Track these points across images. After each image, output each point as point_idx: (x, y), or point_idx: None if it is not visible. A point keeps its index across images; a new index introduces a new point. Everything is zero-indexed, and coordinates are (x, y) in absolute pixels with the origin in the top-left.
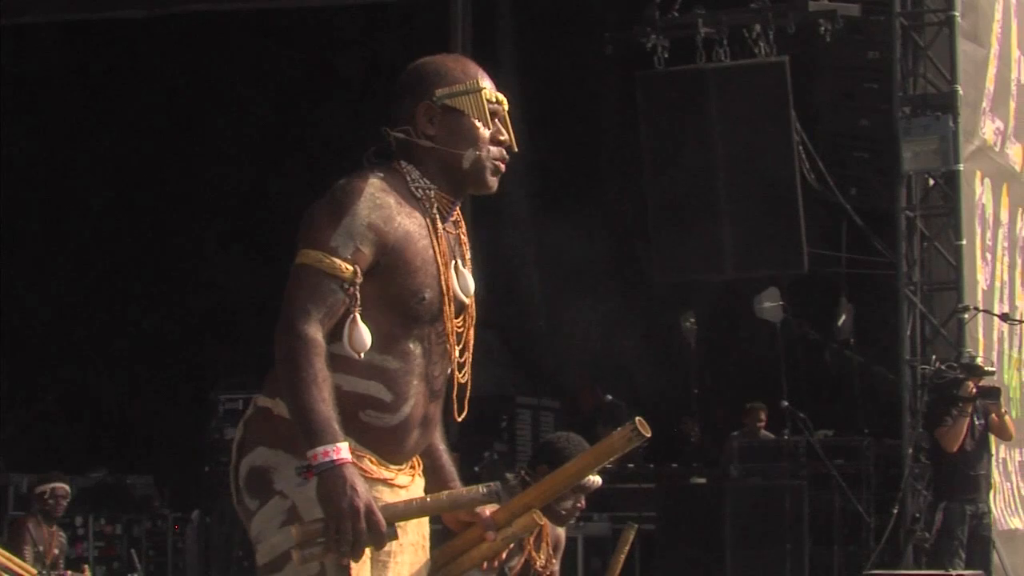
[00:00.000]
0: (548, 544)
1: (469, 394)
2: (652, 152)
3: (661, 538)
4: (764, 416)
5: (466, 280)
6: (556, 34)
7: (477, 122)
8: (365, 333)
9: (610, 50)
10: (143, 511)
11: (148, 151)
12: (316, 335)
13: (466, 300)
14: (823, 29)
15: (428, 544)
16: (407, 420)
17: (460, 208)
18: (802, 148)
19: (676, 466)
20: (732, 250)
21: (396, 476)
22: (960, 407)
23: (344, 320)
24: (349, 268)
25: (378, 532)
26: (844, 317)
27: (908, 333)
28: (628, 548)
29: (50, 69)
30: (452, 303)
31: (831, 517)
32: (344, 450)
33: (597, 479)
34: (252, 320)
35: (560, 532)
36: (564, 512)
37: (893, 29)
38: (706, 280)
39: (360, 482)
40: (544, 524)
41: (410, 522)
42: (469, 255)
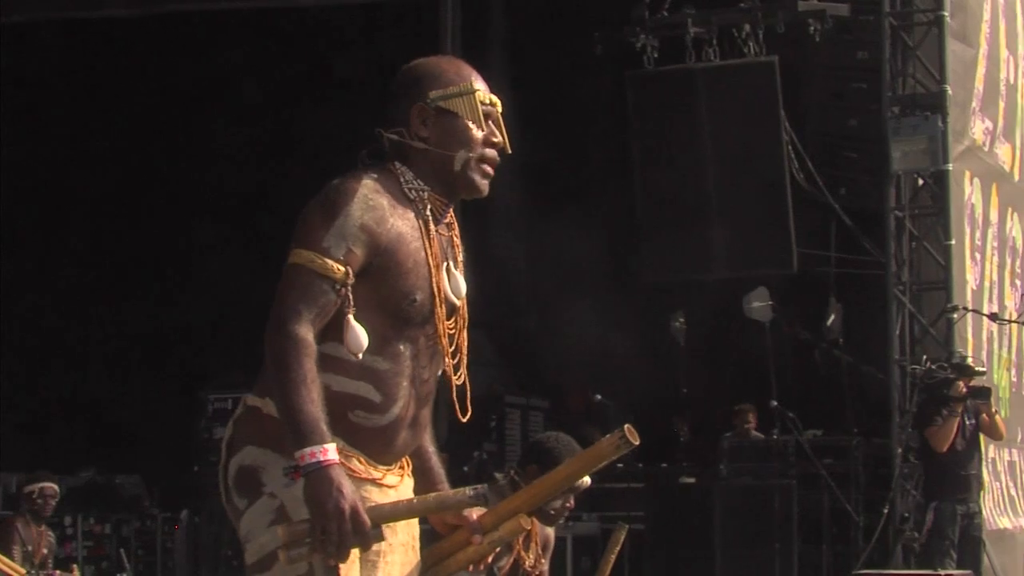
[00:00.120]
0: (537, 544)
1: (469, 395)
2: (642, 152)
3: (650, 537)
4: (753, 418)
5: (458, 282)
6: (547, 34)
7: (470, 124)
8: (361, 334)
9: (600, 50)
10: (132, 511)
11: (147, 150)
12: (307, 335)
13: (457, 302)
14: (812, 29)
15: (418, 544)
16: (396, 421)
17: (453, 208)
18: (791, 148)
19: (666, 466)
20: (722, 250)
21: (385, 476)
22: (950, 407)
23: (335, 320)
24: (341, 269)
25: (364, 533)
26: (833, 317)
27: (897, 333)
28: (618, 548)
29: (49, 69)
30: (443, 305)
31: (820, 517)
32: (331, 451)
33: (586, 479)
34: (243, 320)
35: (549, 532)
36: (553, 512)
37: (882, 29)
38: (696, 280)
39: (347, 483)
40: (533, 524)
41: (400, 522)
42: (462, 257)
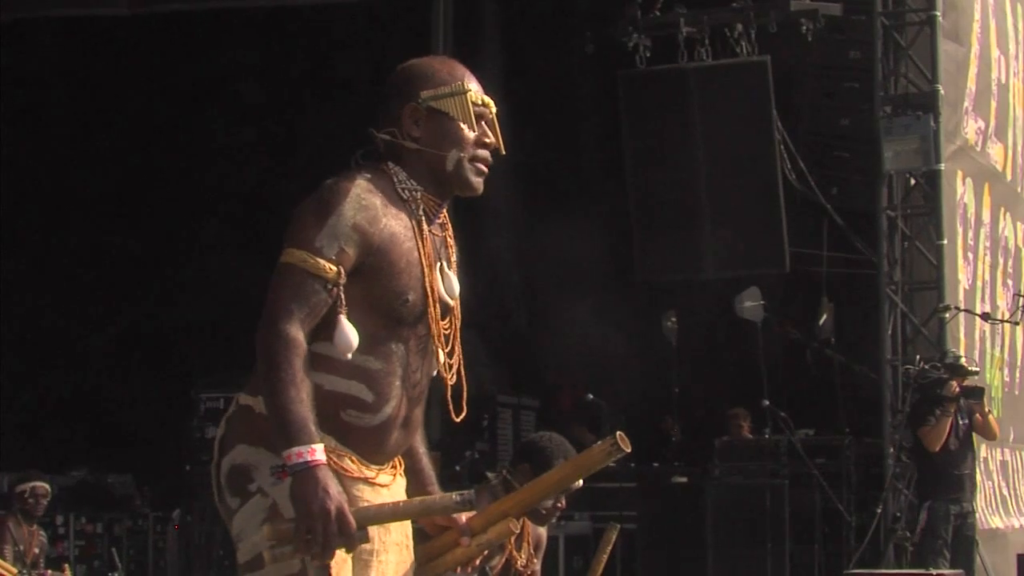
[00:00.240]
0: (529, 543)
1: (465, 394)
2: (634, 151)
3: (642, 537)
4: (746, 422)
5: (451, 282)
6: (540, 33)
7: (462, 124)
8: (351, 334)
9: (591, 49)
10: (124, 510)
11: (147, 150)
12: (297, 335)
13: (451, 302)
14: (805, 28)
15: (411, 544)
16: (388, 420)
17: (446, 208)
18: (784, 147)
19: (657, 465)
20: (714, 249)
21: (377, 475)
22: (944, 407)
23: (328, 320)
24: (333, 268)
25: (349, 535)
26: (825, 316)
27: (889, 332)
28: (610, 548)
29: (49, 68)
30: (437, 305)
31: (812, 516)
32: (319, 451)
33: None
34: (237, 319)
35: (541, 531)
36: (545, 511)
37: (874, 29)
38: (688, 279)
39: (333, 484)
40: (525, 523)
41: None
42: (455, 257)
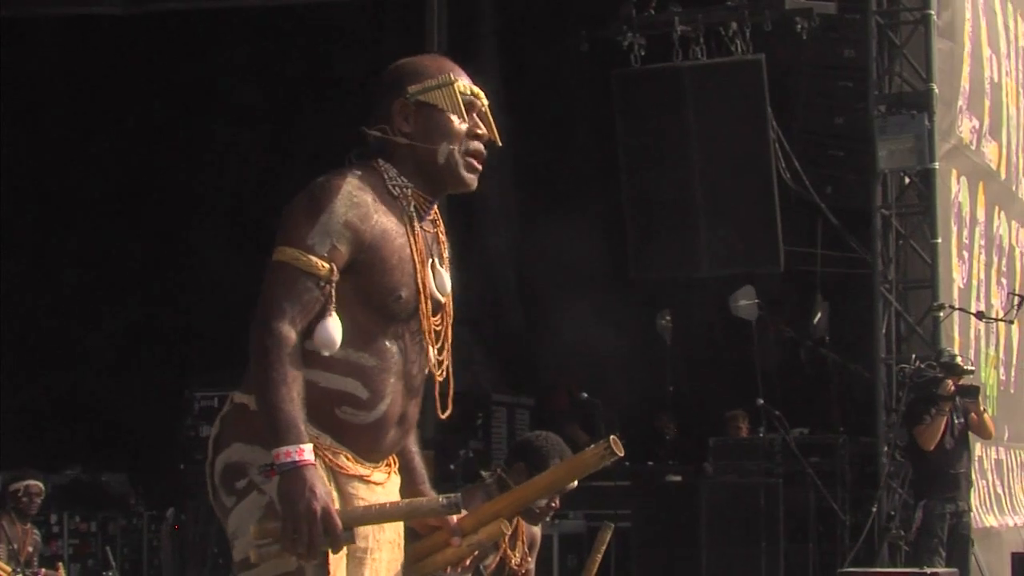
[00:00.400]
0: (523, 542)
1: (451, 392)
2: (628, 150)
3: (637, 536)
4: (744, 424)
5: (443, 278)
6: (535, 33)
7: (452, 116)
8: (335, 331)
9: (586, 47)
10: (118, 509)
11: (146, 150)
12: (290, 333)
13: (442, 299)
14: (799, 27)
15: (403, 542)
16: (383, 418)
17: (438, 205)
18: (778, 146)
19: (652, 464)
20: (709, 248)
21: (372, 473)
22: (939, 406)
23: (322, 317)
24: (325, 266)
25: (335, 535)
26: (819, 315)
27: (883, 331)
28: (605, 547)
29: (48, 68)
30: (428, 301)
31: (806, 515)
32: (307, 451)
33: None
34: (231, 318)
35: (535, 530)
36: (539, 511)
37: (869, 27)
38: (683, 278)
39: (320, 485)
40: (519, 522)
41: None
42: (447, 253)
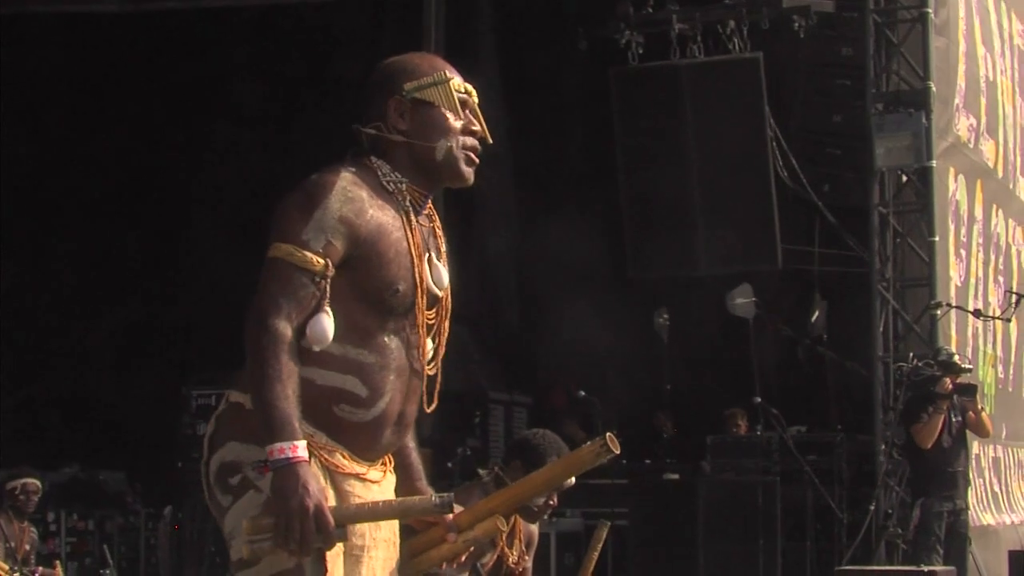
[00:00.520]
0: (521, 540)
1: (439, 387)
2: (626, 148)
3: (634, 534)
4: (743, 422)
5: (440, 273)
6: (533, 31)
7: (448, 112)
8: (327, 327)
9: (584, 45)
10: (116, 507)
11: (146, 150)
12: (285, 329)
13: (439, 293)
14: (797, 25)
15: (399, 540)
16: (382, 416)
17: (433, 201)
18: (776, 144)
19: (649, 462)
20: (706, 246)
21: (369, 471)
22: (936, 404)
23: (313, 312)
24: (320, 261)
25: (327, 532)
26: (817, 313)
27: (881, 329)
28: (601, 545)
29: (48, 67)
30: (424, 295)
31: (804, 513)
32: (301, 448)
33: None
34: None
35: (533, 528)
36: (536, 509)
37: (866, 26)
38: (681, 276)
39: (313, 482)
40: (517, 520)
41: None
42: (444, 248)
